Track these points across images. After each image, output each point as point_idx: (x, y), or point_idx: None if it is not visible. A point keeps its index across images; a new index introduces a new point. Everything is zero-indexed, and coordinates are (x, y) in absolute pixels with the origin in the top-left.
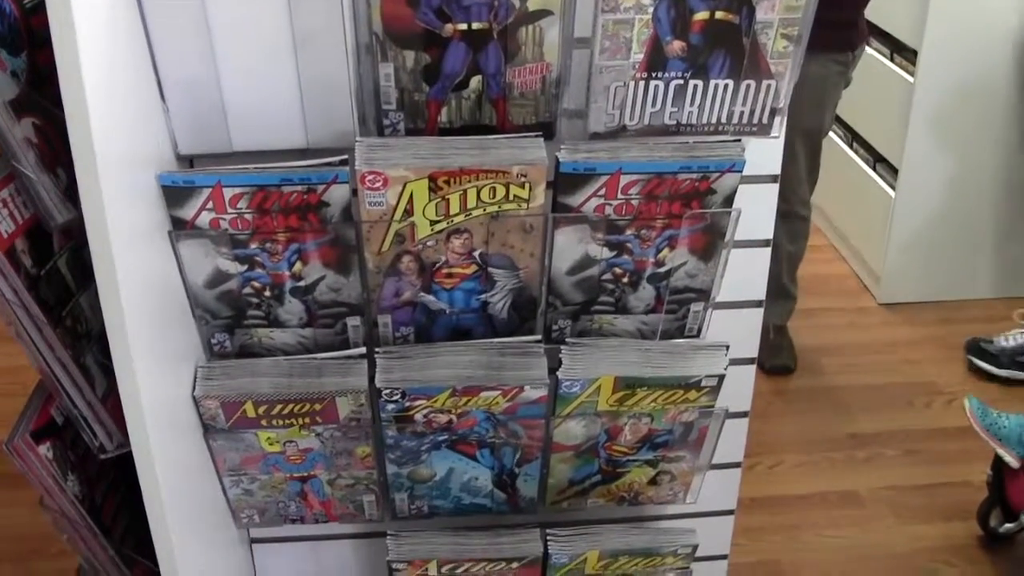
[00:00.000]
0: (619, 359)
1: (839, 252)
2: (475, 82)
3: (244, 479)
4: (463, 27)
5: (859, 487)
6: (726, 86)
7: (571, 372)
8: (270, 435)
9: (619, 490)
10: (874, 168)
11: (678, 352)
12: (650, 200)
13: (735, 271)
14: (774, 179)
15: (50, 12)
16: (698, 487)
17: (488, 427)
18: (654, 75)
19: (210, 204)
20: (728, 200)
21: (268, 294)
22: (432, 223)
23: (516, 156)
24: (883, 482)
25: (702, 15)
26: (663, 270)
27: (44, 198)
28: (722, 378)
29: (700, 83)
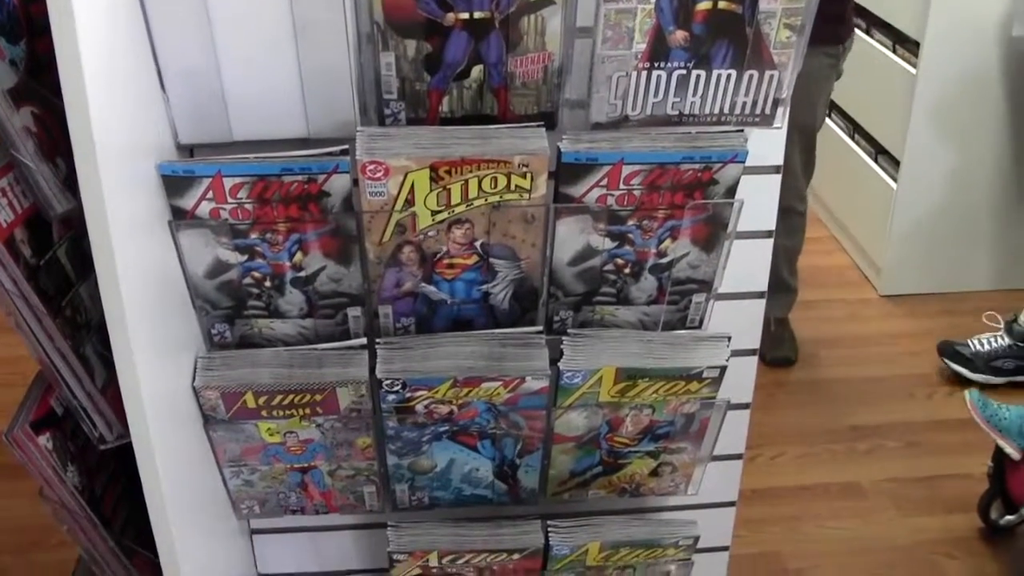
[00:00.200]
0: (621, 350)
1: (840, 244)
2: (477, 71)
3: (244, 470)
4: (465, 16)
5: (860, 479)
6: (729, 76)
7: (572, 363)
8: (270, 426)
9: (620, 481)
10: (876, 160)
11: (680, 343)
12: (652, 191)
13: (737, 262)
14: (776, 170)
15: (49, 0)
16: (699, 478)
17: (489, 418)
18: (656, 65)
19: (210, 194)
20: (730, 191)
21: (268, 284)
22: (433, 213)
23: (518, 146)
24: (884, 474)
25: (705, 5)
26: (665, 261)
27: (43, 187)
28: (724, 369)
29: (703, 73)
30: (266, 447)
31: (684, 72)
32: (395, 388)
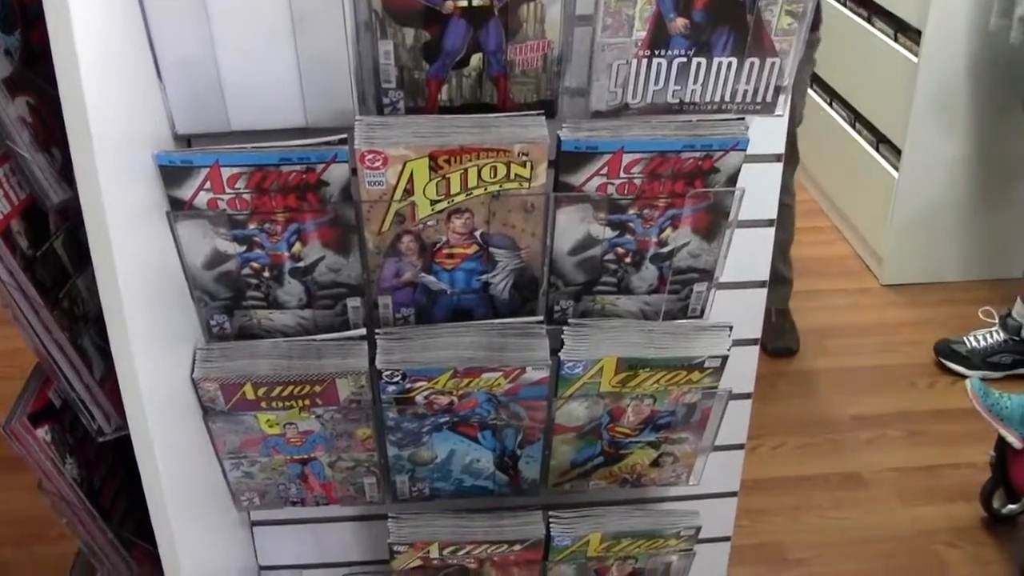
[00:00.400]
0: (622, 340)
1: (841, 233)
2: (476, 60)
3: (244, 461)
4: (463, 4)
5: (861, 469)
6: (730, 64)
7: (573, 353)
8: (270, 417)
9: (621, 472)
10: (877, 149)
11: (681, 333)
12: (653, 179)
13: (738, 251)
14: (778, 158)
15: None
16: (701, 469)
17: (490, 408)
18: (657, 53)
19: (208, 184)
20: (732, 179)
21: (267, 275)
22: (432, 203)
23: (517, 135)
24: (886, 464)
25: None
26: (666, 250)
27: (39, 178)
28: (725, 359)
29: (703, 61)
30: (266, 439)
31: (685, 60)
32: (395, 379)
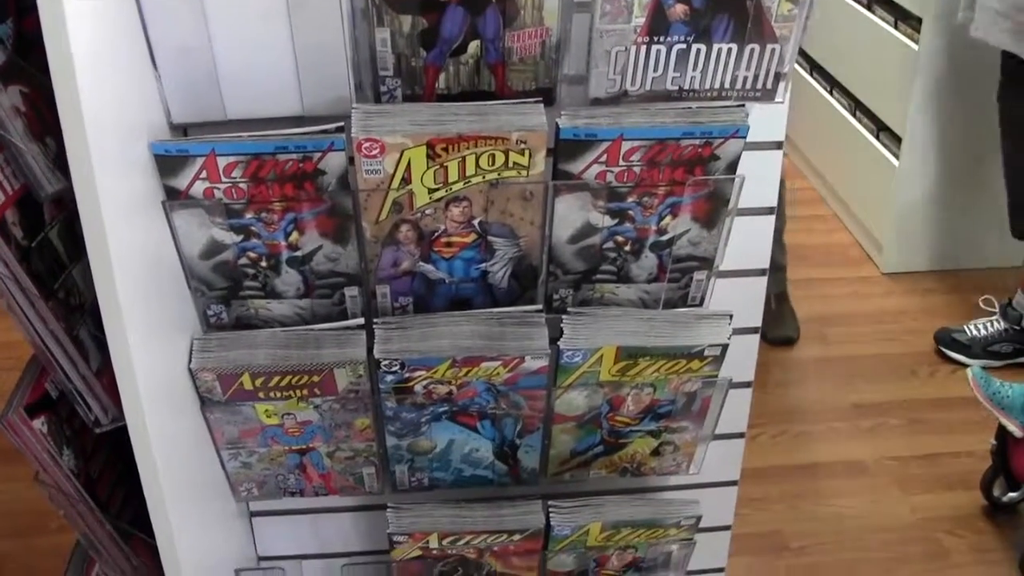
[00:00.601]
0: (621, 328)
1: (842, 221)
2: (473, 47)
3: (242, 452)
4: None
5: (862, 457)
6: (729, 50)
7: (572, 342)
8: (268, 407)
9: (621, 461)
10: (877, 137)
11: (681, 321)
12: (652, 167)
13: (738, 239)
14: (778, 145)
15: None
16: (701, 458)
17: (489, 398)
18: (656, 39)
19: (204, 173)
20: (731, 166)
21: (264, 264)
22: (430, 191)
23: (515, 122)
24: (886, 452)
25: None
26: (666, 238)
27: (33, 168)
28: (725, 347)
29: (703, 47)
30: (264, 429)
31: (684, 46)
32: (393, 368)
